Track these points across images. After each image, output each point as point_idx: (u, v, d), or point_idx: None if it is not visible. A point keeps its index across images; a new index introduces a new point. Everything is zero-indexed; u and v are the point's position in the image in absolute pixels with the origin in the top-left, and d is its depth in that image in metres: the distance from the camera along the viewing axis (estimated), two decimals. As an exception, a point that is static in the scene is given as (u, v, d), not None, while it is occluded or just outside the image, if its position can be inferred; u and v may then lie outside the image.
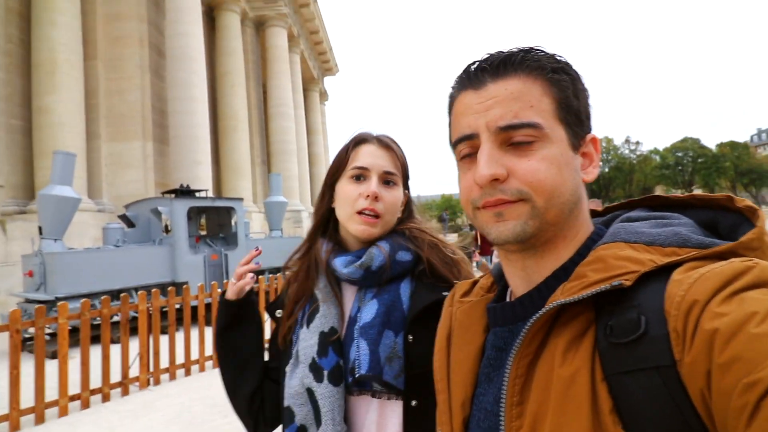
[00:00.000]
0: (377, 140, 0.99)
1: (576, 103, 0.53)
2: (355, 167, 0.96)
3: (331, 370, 0.90)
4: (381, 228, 0.96)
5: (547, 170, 0.50)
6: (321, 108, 35.89)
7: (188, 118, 14.27)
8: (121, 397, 4.51)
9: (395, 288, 0.94)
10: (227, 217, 9.81)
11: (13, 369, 3.80)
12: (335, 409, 0.88)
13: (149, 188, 13.74)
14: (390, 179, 0.97)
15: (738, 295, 0.38)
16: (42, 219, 6.89)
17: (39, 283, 6.68)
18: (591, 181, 0.55)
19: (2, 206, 11.05)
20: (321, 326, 0.94)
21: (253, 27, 22.47)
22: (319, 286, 0.98)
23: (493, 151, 0.51)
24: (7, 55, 11.56)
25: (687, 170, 51.26)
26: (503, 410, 0.50)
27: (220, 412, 3.98)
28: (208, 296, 5.67)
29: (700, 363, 0.38)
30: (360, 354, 0.88)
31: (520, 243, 0.52)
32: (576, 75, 0.54)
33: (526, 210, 0.50)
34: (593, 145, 0.56)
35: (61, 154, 7.07)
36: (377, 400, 0.91)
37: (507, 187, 0.51)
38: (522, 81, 0.51)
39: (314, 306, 0.97)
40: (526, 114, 0.50)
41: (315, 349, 0.92)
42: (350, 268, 0.94)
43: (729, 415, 0.36)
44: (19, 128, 11.81)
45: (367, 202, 0.93)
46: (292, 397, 0.92)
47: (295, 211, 21.34)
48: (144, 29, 14.24)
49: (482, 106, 0.52)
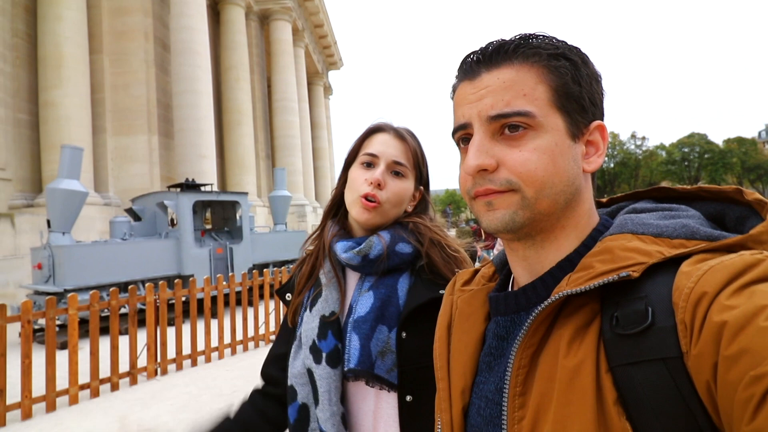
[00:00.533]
0: (393, 130, 0.99)
1: (577, 89, 0.51)
2: (365, 153, 0.97)
3: (329, 353, 0.91)
4: (380, 216, 0.96)
5: (538, 160, 0.49)
6: (325, 102, 35.81)
7: (193, 112, 14.31)
8: (130, 386, 4.61)
9: (393, 282, 0.94)
10: (232, 211, 9.88)
11: (24, 358, 3.90)
12: (332, 390, 0.90)
13: (155, 182, 13.83)
14: (398, 170, 0.97)
15: (748, 288, 0.38)
16: (50, 212, 6.99)
17: (48, 275, 6.79)
18: (593, 170, 0.53)
19: (11, 200, 11.18)
20: (322, 310, 0.96)
21: (258, 21, 22.42)
22: (324, 270, 1.00)
23: (484, 141, 0.51)
24: (13, 50, 11.63)
25: (693, 166, 50.86)
26: (506, 400, 0.50)
27: (227, 402, 4.06)
28: (213, 289, 5.75)
29: (708, 355, 0.37)
30: (350, 348, 0.90)
31: (511, 232, 0.52)
32: (579, 60, 0.52)
33: (515, 200, 0.50)
34: (600, 133, 0.53)
35: (68, 148, 7.15)
36: (373, 389, 0.92)
37: (496, 177, 0.51)
38: (515, 69, 0.51)
39: (318, 290, 0.99)
40: (518, 102, 0.50)
41: (315, 332, 0.94)
42: (348, 254, 0.95)
43: (734, 408, 0.35)
44: (26, 122, 11.91)
45: (370, 188, 0.94)
46: (295, 377, 0.95)
47: (299, 205, 21.39)
48: (149, 23, 14.27)
49: (475, 96, 0.52)
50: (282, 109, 22.84)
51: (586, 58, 0.53)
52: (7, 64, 11.42)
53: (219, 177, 17.20)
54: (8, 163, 11.27)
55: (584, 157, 0.53)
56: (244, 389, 4.38)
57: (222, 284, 5.76)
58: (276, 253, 10.13)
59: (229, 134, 18.89)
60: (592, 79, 0.52)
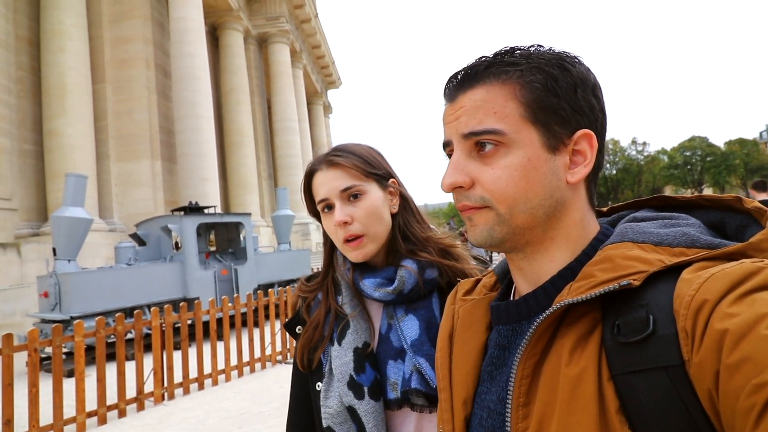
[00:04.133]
0: (323, 162, 0.96)
1: (554, 101, 0.50)
2: (318, 202, 0.96)
3: (370, 385, 0.89)
4: (371, 242, 0.94)
5: (509, 178, 0.50)
6: (325, 121, 36.21)
7: (195, 136, 14.50)
8: (137, 412, 4.59)
9: (428, 304, 0.93)
10: (236, 232, 9.94)
11: (32, 387, 3.89)
12: (379, 424, 0.88)
13: (158, 206, 13.94)
14: (352, 192, 0.94)
15: (749, 296, 0.38)
16: (55, 240, 7.05)
17: (54, 303, 6.81)
18: (576, 181, 0.52)
19: (17, 229, 11.28)
20: (354, 342, 0.93)
21: (256, 44, 22.84)
22: (346, 302, 0.98)
23: (460, 159, 0.53)
24: (18, 83, 11.88)
25: (696, 169, 50.70)
26: (509, 411, 0.50)
27: (235, 424, 4.03)
28: (219, 311, 5.74)
29: (709, 363, 0.37)
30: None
31: (493, 246, 0.53)
32: (556, 70, 0.51)
33: (491, 216, 0.52)
34: (587, 142, 0.52)
35: (72, 176, 7.24)
36: (415, 413, 0.89)
37: (471, 194, 0.53)
38: (486, 89, 0.52)
39: (344, 322, 0.96)
40: (488, 121, 0.51)
41: (351, 366, 0.91)
42: (381, 292, 0.93)
43: (736, 416, 0.35)
44: (31, 152, 12.10)
45: (342, 231, 0.92)
46: (332, 417, 0.91)
47: (303, 224, 21.46)
48: (150, 51, 14.57)
49: (453, 116, 0.54)
50: (282, 129, 23.11)
51: (569, 66, 0.51)
52: (11, 96, 11.65)
53: (222, 198, 17.32)
54: (14, 193, 11.41)
55: (569, 167, 0.52)
56: (252, 411, 4.35)
57: (227, 306, 5.76)
58: (281, 273, 10.12)
59: (230, 156, 19.08)
60: (576, 87, 0.51)
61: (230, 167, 19.03)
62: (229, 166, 19.06)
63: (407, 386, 0.87)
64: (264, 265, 9.70)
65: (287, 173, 22.66)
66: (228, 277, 8.87)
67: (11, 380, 3.75)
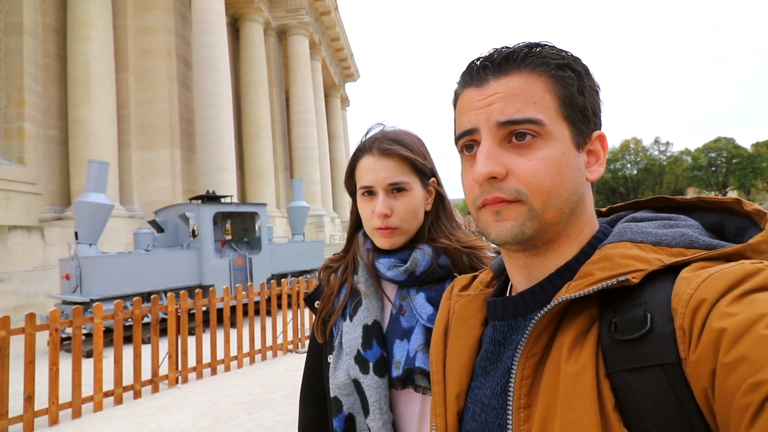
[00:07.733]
0: (378, 149, 0.95)
1: (581, 99, 0.51)
2: (361, 187, 0.96)
3: (376, 362, 0.91)
4: (402, 235, 0.96)
5: (546, 171, 0.49)
6: (342, 113, 36.24)
7: (214, 126, 14.68)
8: (152, 393, 4.72)
9: (441, 288, 0.93)
10: (251, 221, 10.07)
11: (52, 366, 4.04)
12: (381, 399, 0.90)
13: (177, 194, 14.19)
14: (397, 187, 0.94)
15: (748, 296, 0.38)
16: (78, 225, 7.25)
17: (75, 285, 7.03)
18: (595, 179, 0.54)
19: (41, 213, 11.62)
20: (364, 319, 0.96)
21: (276, 36, 22.94)
22: (361, 280, 1.00)
23: (493, 148, 0.51)
24: (44, 70, 12.17)
25: (721, 171, 49.13)
26: (510, 413, 0.49)
27: (245, 410, 4.12)
28: (233, 299, 5.85)
29: (706, 362, 0.37)
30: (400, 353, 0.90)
31: (520, 244, 0.52)
32: (582, 71, 0.52)
33: (523, 211, 0.50)
34: (600, 143, 0.54)
35: (95, 163, 7.42)
36: (419, 394, 0.91)
37: (505, 186, 0.50)
38: (524, 78, 0.50)
39: (357, 299, 0.99)
40: (528, 110, 0.49)
41: (359, 342, 0.94)
42: (393, 272, 0.95)
43: (732, 415, 0.35)
44: (56, 138, 12.41)
45: (380, 221, 0.94)
46: (339, 388, 0.94)
47: (317, 215, 21.59)
48: (172, 41, 14.77)
49: (483, 102, 0.51)
50: (300, 121, 23.22)
51: (588, 70, 0.53)
52: (38, 83, 11.95)
53: (239, 188, 17.54)
54: (39, 177, 11.73)
55: (586, 166, 0.53)
56: (262, 397, 4.44)
57: (241, 294, 5.86)
58: (294, 263, 10.26)
59: (248, 147, 19.27)
60: (593, 90, 0.53)
61: (247, 158, 19.23)
62: (247, 156, 19.26)
63: (411, 364, 0.89)
64: (278, 255, 9.83)
65: (303, 165, 22.79)
66: (243, 265, 9.01)
67: (33, 358, 3.89)
